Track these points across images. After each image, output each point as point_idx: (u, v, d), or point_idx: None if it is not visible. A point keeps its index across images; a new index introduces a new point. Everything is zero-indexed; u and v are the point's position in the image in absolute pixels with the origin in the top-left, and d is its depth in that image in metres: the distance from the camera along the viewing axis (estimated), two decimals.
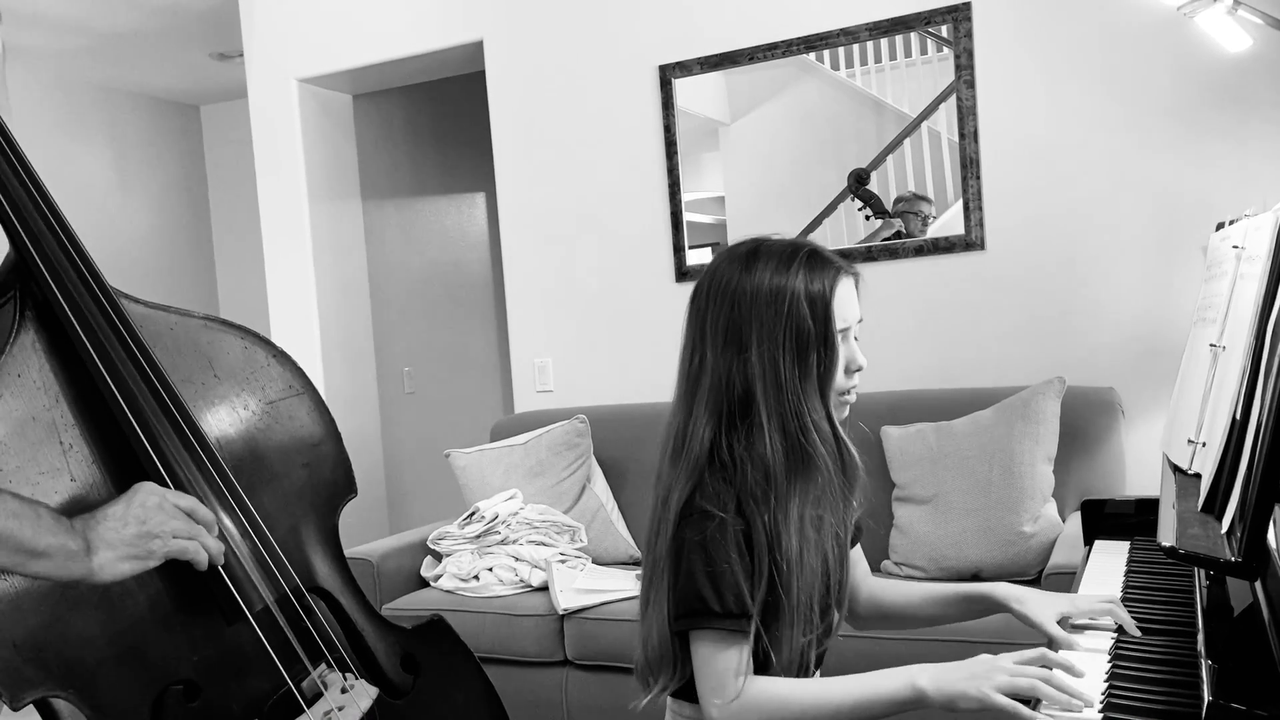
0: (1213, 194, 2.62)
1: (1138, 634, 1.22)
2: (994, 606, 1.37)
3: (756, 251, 1.25)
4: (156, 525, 1.11)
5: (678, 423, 1.27)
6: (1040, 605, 1.30)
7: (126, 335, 1.19)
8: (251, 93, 3.99)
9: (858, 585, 1.50)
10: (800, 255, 1.24)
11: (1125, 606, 1.32)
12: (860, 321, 1.29)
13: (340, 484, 1.45)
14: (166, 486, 1.16)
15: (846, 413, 1.31)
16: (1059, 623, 1.27)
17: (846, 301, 1.25)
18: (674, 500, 1.23)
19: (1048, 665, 1.10)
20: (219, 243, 5.61)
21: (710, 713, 1.18)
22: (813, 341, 1.21)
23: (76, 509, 1.10)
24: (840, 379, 1.26)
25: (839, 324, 1.24)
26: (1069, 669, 1.09)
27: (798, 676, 1.28)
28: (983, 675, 1.10)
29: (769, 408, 1.20)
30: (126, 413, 1.15)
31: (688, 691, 1.33)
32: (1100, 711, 1.02)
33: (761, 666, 1.25)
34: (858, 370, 1.28)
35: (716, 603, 1.17)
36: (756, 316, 1.21)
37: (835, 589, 1.30)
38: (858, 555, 1.50)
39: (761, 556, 1.19)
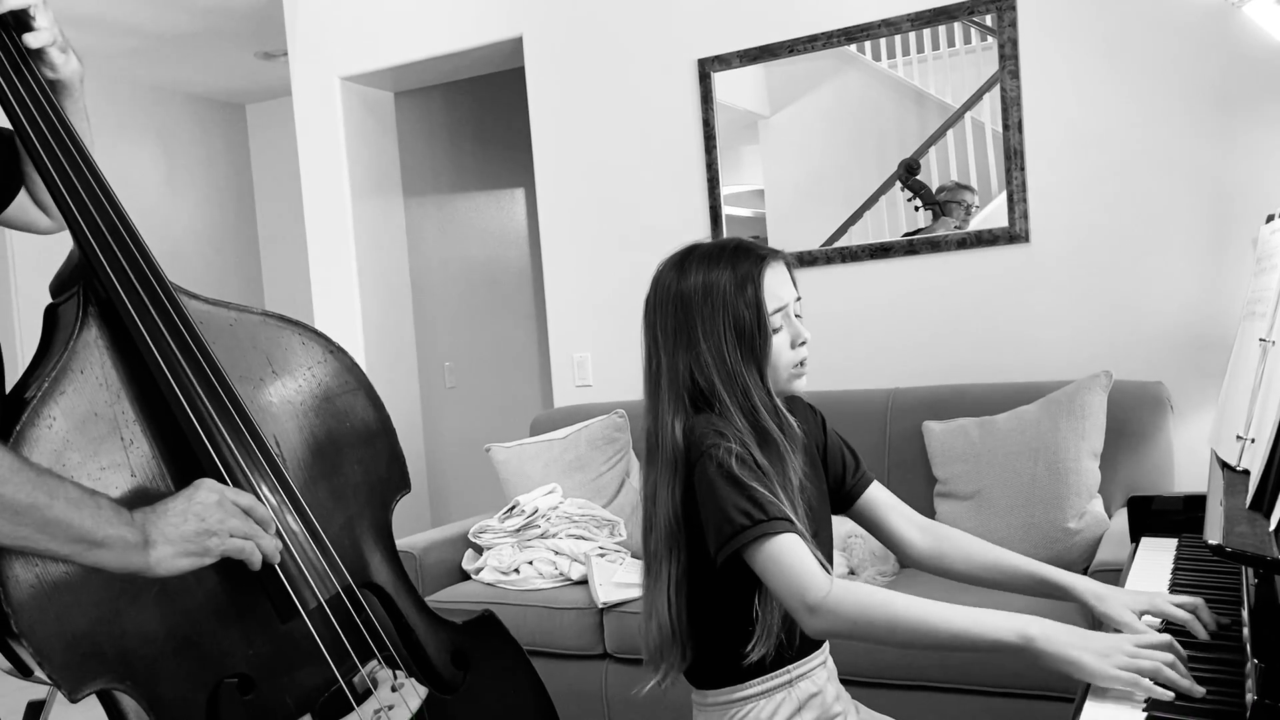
0: (1263, 186, 2.57)
1: (1223, 624, 1.18)
2: (1068, 598, 1.35)
3: (689, 255, 1.38)
4: (215, 523, 1.12)
5: (649, 424, 1.38)
6: (1120, 603, 1.26)
7: (185, 333, 1.21)
8: (296, 91, 4.05)
9: (902, 527, 1.51)
10: (727, 251, 1.35)
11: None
12: (799, 300, 1.38)
13: (394, 479, 1.47)
14: (224, 483, 1.18)
15: (803, 385, 1.39)
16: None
17: (777, 284, 1.35)
18: (663, 495, 1.33)
19: (1173, 650, 1.07)
20: (264, 239, 5.70)
21: (807, 603, 1.19)
22: (749, 326, 1.32)
23: (137, 503, 1.12)
24: (788, 353, 1.36)
25: (772, 305, 1.33)
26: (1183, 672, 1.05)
27: (785, 638, 1.32)
28: (1102, 652, 1.07)
29: (729, 392, 1.31)
30: (184, 409, 1.18)
31: (712, 679, 1.36)
32: (1144, 710, 1.01)
33: (744, 637, 1.29)
34: (803, 344, 1.37)
35: (759, 511, 1.23)
36: (698, 314, 1.33)
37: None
38: (886, 498, 1.53)
39: (771, 482, 1.26)
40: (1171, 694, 1.01)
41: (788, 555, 1.21)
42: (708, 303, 1.32)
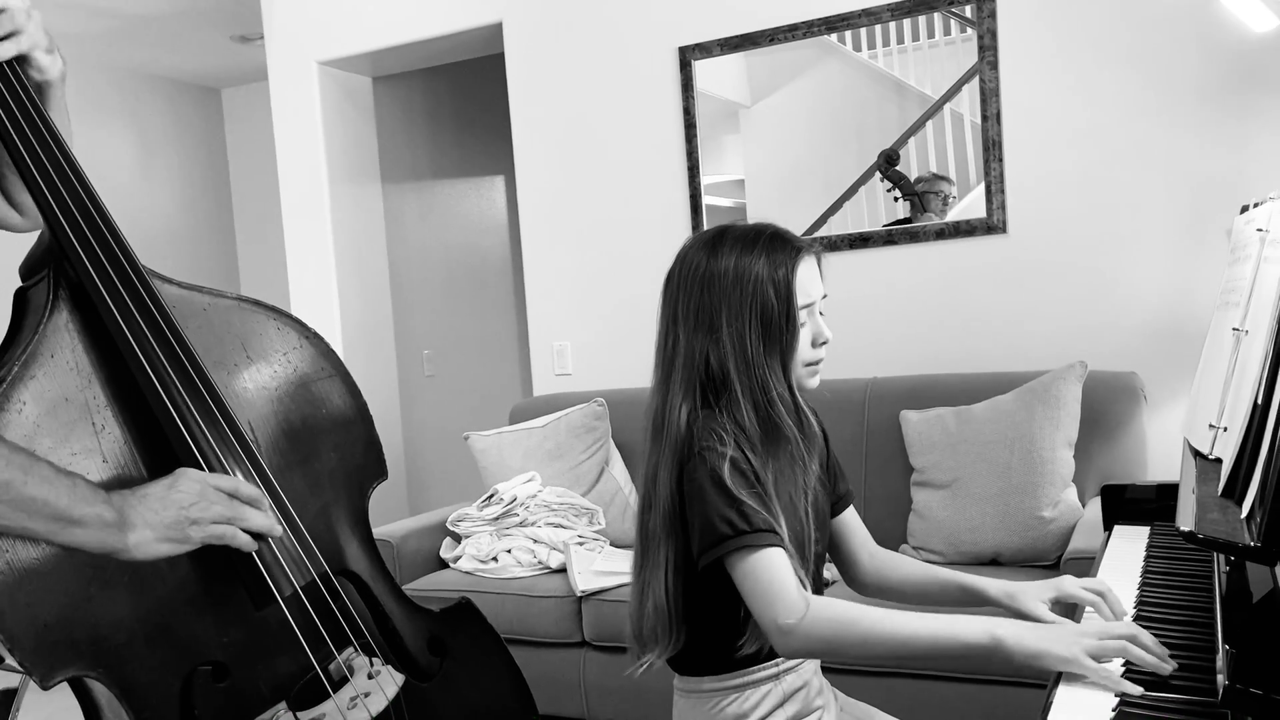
0: (1238, 176, 2.60)
1: (1125, 615, 1.22)
2: (985, 602, 1.39)
3: (722, 236, 1.33)
4: (196, 512, 1.12)
5: (656, 404, 1.34)
6: (1030, 596, 1.31)
7: (158, 317, 1.20)
8: (272, 75, 4.01)
9: (857, 552, 1.53)
10: (763, 238, 1.31)
11: (1144, 591, 1.33)
12: (825, 297, 1.35)
13: (371, 466, 1.46)
14: (198, 468, 1.17)
15: (816, 383, 1.37)
16: (1052, 608, 1.30)
17: (809, 279, 1.32)
18: (664, 475, 1.30)
19: (1133, 631, 1.10)
20: (240, 225, 5.64)
21: (780, 625, 1.19)
22: (776, 319, 1.28)
23: (110, 489, 1.11)
24: (808, 351, 1.34)
25: (802, 300, 1.31)
26: (1148, 647, 1.08)
27: None
28: (1070, 639, 1.10)
29: (742, 383, 1.28)
30: (158, 394, 1.17)
31: (699, 666, 1.36)
32: (1117, 695, 1.02)
33: (738, 630, 1.29)
34: (824, 344, 1.35)
35: (743, 522, 1.21)
36: (724, 298, 1.28)
37: (812, 547, 1.33)
38: (854, 522, 1.54)
39: (768, 491, 1.25)
40: (1140, 689, 1.02)
41: (766, 571, 1.20)
42: (737, 288, 1.28)
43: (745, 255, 1.29)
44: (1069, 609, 1.32)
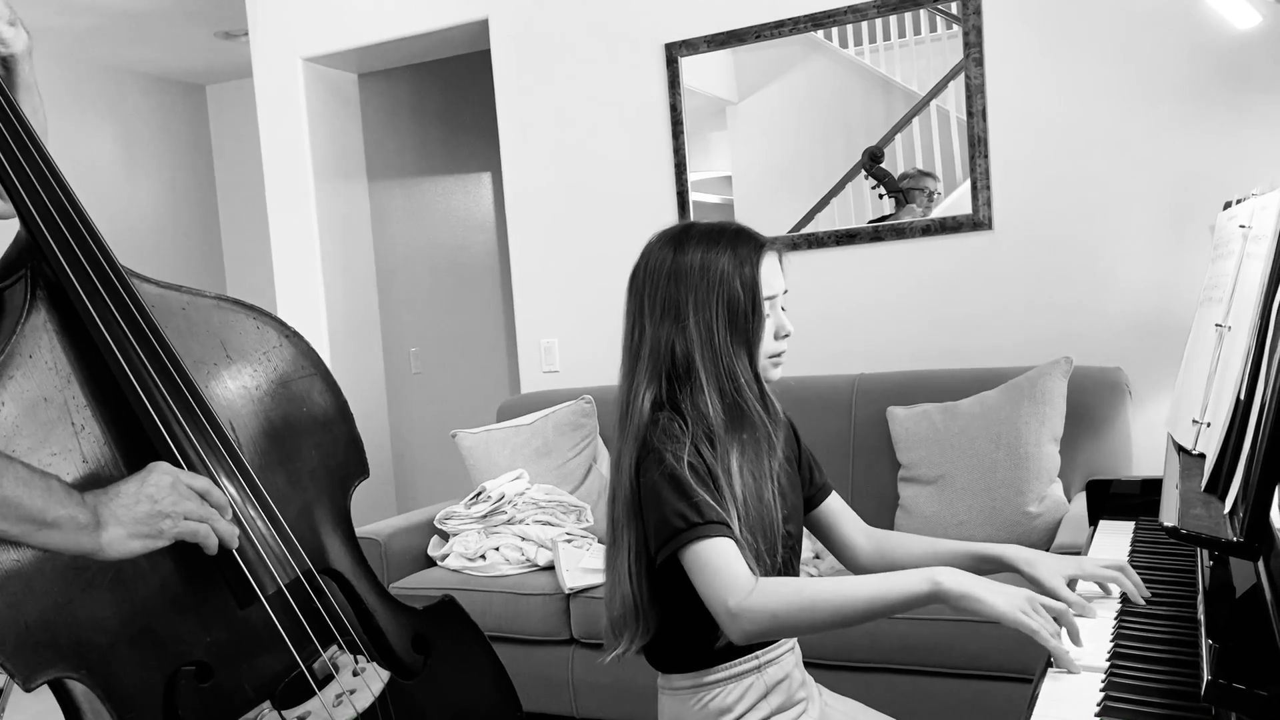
0: (1221, 172, 2.61)
1: (1146, 596, 1.25)
2: (1003, 567, 1.40)
3: (687, 233, 1.37)
4: (169, 505, 1.11)
5: (622, 394, 1.39)
6: (1049, 568, 1.33)
7: (138, 316, 1.19)
8: (257, 72, 3.99)
9: (852, 536, 1.56)
10: (727, 234, 1.36)
11: None
12: (786, 292, 1.39)
13: (352, 465, 1.46)
14: (180, 467, 1.16)
15: (779, 374, 1.41)
16: (1068, 585, 1.31)
17: (771, 273, 1.37)
18: (625, 463, 1.33)
19: (1061, 621, 1.15)
20: (225, 223, 5.61)
21: (728, 607, 1.21)
22: (743, 309, 1.33)
23: (88, 489, 1.10)
24: (770, 343, 1.38)
25: (765, 293, 1.35)
26: (1074, 635, 1.14)
27: None
28: (1009, 595, 1.15)
29: (707, 370, 1.32)
30: (138, 394, 1.16)
31: (678, 663, 1.36)
32: (1101, 690, 1.02)
33: (711, 623, 1.29)
34: (785, 336, 1.39)
35: (696, 515, 1.24)
36: (691, 289, 1.33)
37: (779, 530, 1.35)
38: (841, 508, 1.57)
39: (724, 492, 1.28)
40: (1075, 649, 1.10)
41: (715, 558, 1.22)
42: (704, 280, 1.32)
43: (711, 250, 1.34)
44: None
